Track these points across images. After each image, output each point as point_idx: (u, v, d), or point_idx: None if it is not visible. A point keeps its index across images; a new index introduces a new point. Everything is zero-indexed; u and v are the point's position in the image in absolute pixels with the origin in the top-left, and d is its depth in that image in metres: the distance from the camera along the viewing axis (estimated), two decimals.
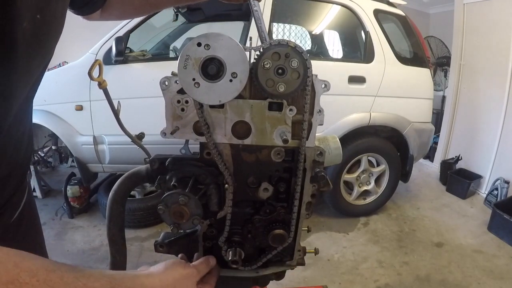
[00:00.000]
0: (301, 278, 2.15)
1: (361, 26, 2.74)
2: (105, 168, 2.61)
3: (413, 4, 4.77)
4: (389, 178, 2.91)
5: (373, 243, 2.61)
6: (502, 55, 3.25)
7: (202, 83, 0.52)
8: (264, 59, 0.52)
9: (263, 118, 0.57)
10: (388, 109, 2.74)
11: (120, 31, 2.40)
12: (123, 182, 0.65)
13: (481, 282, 2.19)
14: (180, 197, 0.55)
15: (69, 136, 2.48)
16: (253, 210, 0.66)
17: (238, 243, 0.66)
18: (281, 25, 4.08)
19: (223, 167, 0.59)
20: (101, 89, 0.65)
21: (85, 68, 0.69)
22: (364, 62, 2.71)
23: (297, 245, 0.69)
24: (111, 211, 0.65)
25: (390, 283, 2.17)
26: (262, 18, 0.73)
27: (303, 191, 0.62)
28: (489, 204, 3.14)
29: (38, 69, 0.55)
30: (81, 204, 2.85)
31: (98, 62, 0.62)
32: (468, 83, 3.75)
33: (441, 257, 2.45)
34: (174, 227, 0.57)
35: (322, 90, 0.57)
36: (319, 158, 0.61)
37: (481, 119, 3.58)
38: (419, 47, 2.94)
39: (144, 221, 2.66)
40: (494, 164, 3.38)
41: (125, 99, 2.07)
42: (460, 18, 3.70)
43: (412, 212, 3.12)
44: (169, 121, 0.59)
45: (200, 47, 0.50)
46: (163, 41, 3.34)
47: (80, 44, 2.67)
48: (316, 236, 2.66)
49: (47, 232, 2.58)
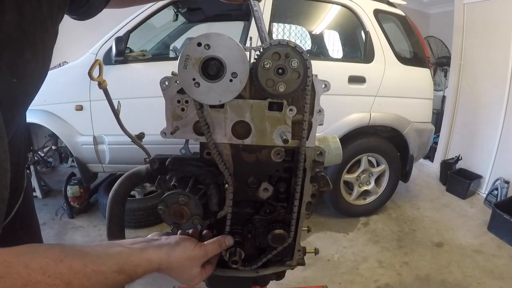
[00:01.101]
0: (301, 278, 2.15)
1: (361, 26, 2.74)
2: (105, 168, 2.61)
3: (413, 4, 4.77)
4: (389, 178, 2.91)
5: (373, 243, 2.61)
6: (502, 55, 3.25)
7: (202, 83, 0.52)
8: (264, 59, 0.52)
9: (263, 118, 0.57)
10: (388, 109, 2.74)
11: (120, 31, 2.40)
12: (123, 182, 0.65)
13: (481, 282, 2.18)
14: (180, 197, 0.55)
15: (69, 136, 2.48)
16: (253, 210, 0.66)
17: (238, 243, 0.66)
18: (281, 25, 4.07)
19: (223, 167, 0.59)
20: (101, 89, 0.65)
21: (85, 68, 0.69)
22: (364, 62, 2.71)
23: (297, 245, 0.69)
24: (111, 211, 0.65)
25: (390, 283, 2.17)
26: (262, 18, 0.73)
27: (303, 191, 0.62)
28: (489, 204, 3.13)
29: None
30: (81, 204, 2.85)
31: (98, 62, 0.62)
32: (468, 83, 3.74)
33: (441, 257, 2.45)
34: (174, 227, 0.57)
35: (322, 90, 0.57)
36: (319, 158, 0.61)
37: (481, 119, 3.58)
38: (419, 47, 2.94)
39: (144, 221, 2.66)
40: (494, 164, 3.38)
41: (125, 99, 2.07)
42: (460, 18, 3.70)
43: (412, 212, 3.12)
44: (169, 121, 0.59)
45: (200, 47, 0.50)
46: (163, 41, 3.34)
47: (80, 44, 2.68)
48: (316, 236, 2.66)
49: (47, 232, 2.58)
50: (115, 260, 0.45)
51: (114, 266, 0.44)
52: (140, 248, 0.50)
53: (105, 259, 0.44)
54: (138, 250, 0.49)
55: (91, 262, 0.41)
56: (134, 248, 0.50)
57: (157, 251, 0.52)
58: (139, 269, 0.48)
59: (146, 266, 0.49)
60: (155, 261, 0.50)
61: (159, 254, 0.51)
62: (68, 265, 0.39)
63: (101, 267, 0.42)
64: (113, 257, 0.45)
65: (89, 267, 0.41)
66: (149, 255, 0.50)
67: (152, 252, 0.51)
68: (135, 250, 0.49)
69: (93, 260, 0.42)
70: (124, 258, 0.46)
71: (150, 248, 0.51)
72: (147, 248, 0.51)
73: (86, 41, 2.68)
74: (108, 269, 0.43)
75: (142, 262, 0.49)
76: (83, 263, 0.40)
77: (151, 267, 0.50)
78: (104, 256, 0.44)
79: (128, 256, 0.47)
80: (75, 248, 0.43)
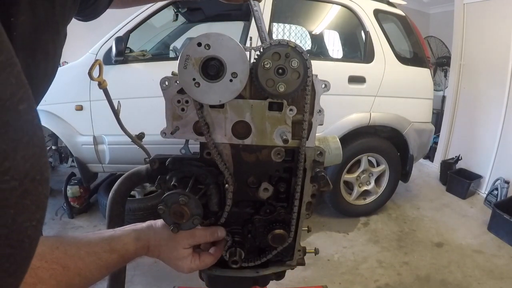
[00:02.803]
0: (301, 278, 2.15)
1: (361, 26, 2.74)
2: (105, 168, 2.61)
3: (413, 4, 4.77)
4: (389, 178, 2.91)
5: (373, 243, 2.61)
6: (502, 55, 3.25)
7: (202, 83, 0.52)
8: (264, 59, 0.52)
9: (263, 118, 0.57)
10: (388, 109, 2.74)
11: (120, 31, 2.40)
12: (123, 182, 0.65)
13: (481, 282, 2.18)
14: (180, 197, 0.55)
15: (69, 136, 2.48)
16: (253, 210, 0.66)
17: (238, 243, 0.66)
18: (281, 25, 4.07)
19: (223, 167, 0.59)
20: (101, 89, 0.65)
21: (85, 68, 0.70)
22: (364, 62, 2.71)
23: (297, 245, 0.69)
24: (111, 211, 0.65)
25: (390, 283, 2.17)
26: (262, 18, 0.73)
27: (303, 191, 0.62)
28: (489, 204, 3.13)
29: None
30: (81, 204, 2.85)
31: (98, 62, 0.62)
32: (468, 83, 3.74)
33: (441, 257, 2.45)
34: (174, 227, 0.57)
35: (322, 90, 0.57)
36: (319, 158, 0.61)
37: (481, 119, 3.58)
38: (419, 47, 2.94)
39: (144, 221, 2.63)
40: (494, 164, 3.38)
41: (125, 99, 2.07)
42: (460, 18, 3.70)
43: (412, 212, 3.12)
44: (169, 121, 0.59)
45: (201, 47, 0.50)
46: (163, 41, 3.34)
47: (80, 44, 2.67)
48: (316, 236, 2.66)
49: (47, 232, 2.58)
50: (107, 241, 0.49)
51: (106, 246, 0.48)
52: (129, 229, 0.55)
53: (97, 241, 0.48)
54: (127, 231, 0.55)
55: (84, 245, 0.46)
56: (123, 229, 0.55)
57: (144, 229, 0.57)
58: (130, 247, 0.52)
59: (136, 244, 0.54)
60: (143, 238, 0.55)
61: (146, 231, 0.57)
62: (63, 250, 0.42)
63: (93, 248, 0.46)
64: (104, 238, 0.50)
65: (82, 250, 0.45)
66: (137, 234, 0.55)
67: (140, 230, 0.56)
68: (125, 231, 0.54)
69: (86, 244, 0.46)
70: (115, 239, 0.51)
71: (138, 227, 0.57)
72: (135, 228, 0.56)
73: (86, 41, 2.68)
74: (101, 249, 0.47)
75: (131, 240, 0.53)
76: (77, 247, 0.44)
77: (141, 244, 0.55)
78: (96, 239, 0.49)
79: (118, 236, 0.52)
80: (69, 236, 0.47)
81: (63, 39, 0.55)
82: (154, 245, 0.56)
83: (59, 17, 0.49)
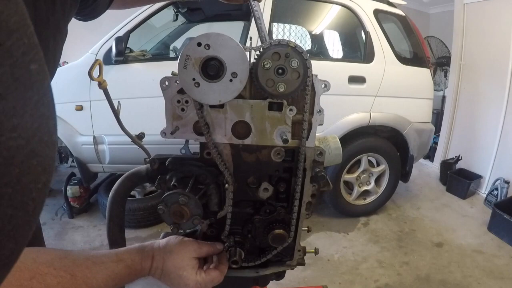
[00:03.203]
0: (301, 278, 2.15)
1: (361, 26, 2.74)
2: (105, 168, 2.61)
3: (413, 4, 4.77)
4: (389, 178, 2.91)
5: (373, 243, 2.61)
6: (502, 55, 3.25)
7: (202, 83, 0.52)
8: (264, 59, 0.52)
9: (263, 118, 0.57)
10: (388, 109, 2.74)
11: (120, 31, 2.40)
12: (123, 182, 0.65)
13: (481, 282, 2.18)
14: (180, 197, 0.55)
15: (69, 136, 2.48)
16: (253, 210, 0.66)
17: (238, 243, 0.66)
18: (281, 25, 4.07)
19: (223, 167, 0.59)
20: (101, 89, 0.65)
21: (85, 68, 0.69)
22: (364, 62, 2.71)
23: (297, 245, 0.69)
24: (111, 211, 0.65)
25: (390, 283, 2.17)
26: (262, 18, 0.73)
27: (303, 191, 0.62)
28: (489, 204, 3.13)
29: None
30: (81, 204, 2.85)
31: (98, 62, 0.62)
32: (468, 83, 3.74)
33: (441, 257, 2.45)
34: (174, 227, 0.57)
35: (322, 90, 0.57)
36: (319, 158, 0.61)
37: (481, 119, 3.58)
38: (419, 47, 2.94)
39: (144, 221, 2.65)
40: (494, 164, 3.38)
41: (125, 99, 2.07)
42: (460, 18, 3.70)
43: (412, 212, 3.12)
44: (169, 121, 0.59)
45: (200, 47, 0.50)
46: (163, 41, 3.34)
47: (80, 44, 2.67)
48: (316, 236, 2.66)
49: (47, 232, 2.58)
50: (113, 252, 0.52)
51: (113, 256, 0.50)
52: (138, 246, 0.57)
53: (104, 253, 0.50)
54: (132, 245, 0.57)
55: (92, 256, 0.48)
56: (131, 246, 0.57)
57: (148, 242, 0.58)
58: (136, 257, 0.54)
59: (141, 253, 0.55)
60: (148, 247, 0.57)
61: (150, 243, 0.58)
62: (72, 260, 0.44)
63: (101, 258, 0.48)
64: (111, 251, 0.52)
65: (90, 260, 0.46)
66: (141, 245, 0.57)
67: (144, 243, 0.58)
68: (130, 246, 0.56)
69: (94, 255, 0.48)
70: (121, 250, 0.53)
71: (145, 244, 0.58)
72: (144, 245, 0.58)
73: (86, 41, 2.68)
74: (108, 259, 0.49)
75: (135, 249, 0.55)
76: (84, 257, 0.46)
77: (146, 253, 0.56)
78: (103, 251, 0.51)
79: (125, 248, 0.54)
80: (77, 250, 0.49)
81: (64, 37, 0.55)
82: (159, 253, 0.57)
83: (59, 14, 0.49)
